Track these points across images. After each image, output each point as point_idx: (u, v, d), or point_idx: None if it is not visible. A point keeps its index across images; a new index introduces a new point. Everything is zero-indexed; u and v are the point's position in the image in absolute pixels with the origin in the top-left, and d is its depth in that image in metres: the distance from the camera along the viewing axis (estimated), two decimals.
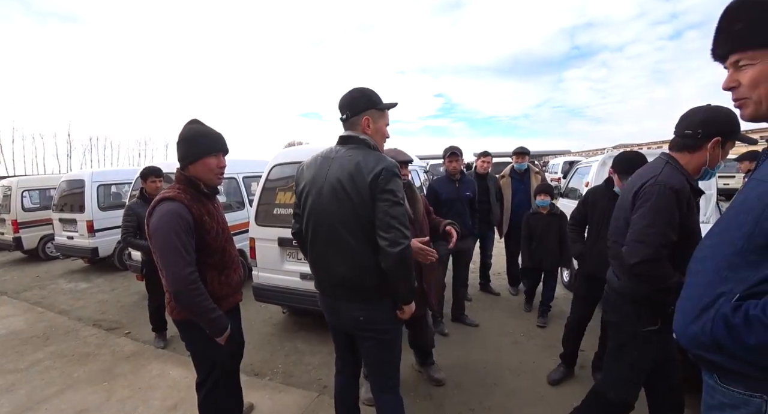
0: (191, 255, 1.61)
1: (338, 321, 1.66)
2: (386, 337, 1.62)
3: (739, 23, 0.80)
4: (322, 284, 1.66)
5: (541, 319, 3.65)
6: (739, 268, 0.76)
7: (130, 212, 3.41)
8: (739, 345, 0.72)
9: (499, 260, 5.98)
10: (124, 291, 5.33)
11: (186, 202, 1.64)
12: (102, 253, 6.13)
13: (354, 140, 1.55)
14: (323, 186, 1.51)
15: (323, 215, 1.52)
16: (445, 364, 2.96)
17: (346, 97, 1.58)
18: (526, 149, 4.33)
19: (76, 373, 3.05)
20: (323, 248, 1.56)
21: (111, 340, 3.66)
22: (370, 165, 1.43)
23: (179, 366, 3.08)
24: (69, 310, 4.66)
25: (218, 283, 1.76)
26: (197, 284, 1.60)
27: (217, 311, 1.66)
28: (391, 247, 1.39)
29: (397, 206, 1.42)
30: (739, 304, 0.74)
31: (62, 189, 6.60)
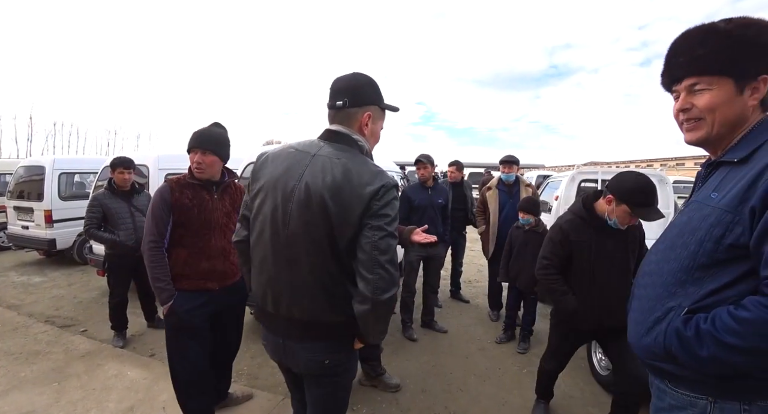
0: (161, 227, 1.92)
1: (290, 362, 1.27)
2: (345, 379, 1.33)
3: (702, 49, 0.84)
4: (268, 317, 1.27)
5: (522, 344, 3.35)
6: (686, 283, 0.82)
7: (96, 203, 3.26)
8: (692, 357, 0.78)
9: (470, 268, 6.14)
10: (82, 286, 5.06)
11: (172, 185, 1.96)
12: (60, 246, 5.79)
13: (345, 139, 1.20)
14: (294, 189, 1.14)
15: (287, 228, 1.14)
16: (413, 369, 2.99)
17: (348, 81, 1.23)
18: (514, 158, 3.80)
19: (23, 373, 2.86)
20: (279, 271, 1.18)
21: (64, 338, 3.45)
22: (364, 178, 1.10)
23: (138, 367, 2.95)
24: (19, 304, 4.37)
25: (182, 262, 1.95)
26: (154, 252, 1.90)
27: (162, 282, 1.89)
28: (376, 294, 1.07)
29: (389, 238, 1.10)
30: (689, 318, 0.80)
31: (19, 175, 6.21)
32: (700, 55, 0.84)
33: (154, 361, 3.06)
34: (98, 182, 4.86)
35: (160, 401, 2.50)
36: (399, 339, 3.49)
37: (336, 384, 1.30)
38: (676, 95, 0.92)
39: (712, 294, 0.79)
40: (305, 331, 1.20)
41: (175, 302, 1.91)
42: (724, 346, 0.73)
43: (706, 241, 0.79)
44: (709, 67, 0.84)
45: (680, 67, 0.89)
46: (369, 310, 1.10)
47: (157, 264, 1.90)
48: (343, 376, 1.30)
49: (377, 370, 2.71)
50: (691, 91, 0.87)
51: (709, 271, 0.80)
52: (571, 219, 2.10)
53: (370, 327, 1.16)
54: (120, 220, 3.29)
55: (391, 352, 3.18)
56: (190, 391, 2.05)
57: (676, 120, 0.94)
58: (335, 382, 1.30)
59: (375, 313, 1.11)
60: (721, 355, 0.74)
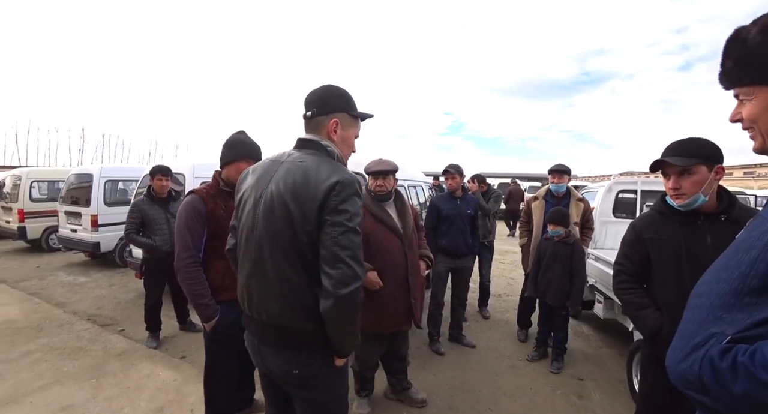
0: (197, 240, 1.86)
1: (265, 367, 1.29)
2: (325, 398, 1.26)
3: (730, 60, 0.80)
4: (246, 319, 1.31)
5: (555, 364, 3.16)
6: (733, 309, 0.73)
7: (135, 209, 3.43)
8: (725, 391, 0.69)
9: (500, 281, 5.94)
10: (121, 288, 5.31)
11: (204, 195, 1.90)
12: (103, 248, 6.14)
13: (314, 145, 1.25)
14: (261, 195, 1.20)
15: (255, 232, 1.20)
16: (440, 384, 2.89)
17: (317, 92, 1.30)
18: (565, 167, 3.45)
19: (65, 368, 3.02)
20: (249, 274, 1.23)
21: (104, 337, 3.62)
22: (321, 175, 1.13)
23: (170, 368, 3.04)
24: (65, 302, 4.64)
25: (221, 273, 1.88)
26: (192, 268, 1.82)
27: (205, 299, 1.82)
28: (336, 288, 1.07)
29: (350, 233, 1.11)
30: (729, 347, 0.71)
31: (70, 182, 6.68)
32: (730, 67, 0.81)
33: (184, 364, 3.13)
34: (139, 189, 5.14)
35: (188, 403, 2.55)
36: (426, 352, 3.41)
37: (313, 401, 1.25)
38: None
39: (762, 324, 0.70)
40: (274, 335, 1.22)
41: (220, 316, 1.86)
42: (759, 384, 0.64)
43: (759, 261, 0.70)
44: (739, 79, 0.80)
45: (721, 78, 0.86)
46: (332, 306, 1.09)
47: (197, 281, 1.83)
48: (321, 391, 1.25)
49: (403, 383, 2.63)
50: (740, 100, 0.83)
51: (762, 298, 0.70)
52: (648, 214, 1.71)
53: (335, 326, 1.14)
54: (157, 226, 3.44)
55: (417, 365, 3.10)
56: (223, 399, 2.04)
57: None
58: (312, 398, 1.25)
59: (338, 308, 1.10)
60: (755, 393, 0.65)
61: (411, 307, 2.31)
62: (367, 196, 2.34)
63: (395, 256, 2.27)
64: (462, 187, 3.54)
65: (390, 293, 2.23)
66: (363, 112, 1.37)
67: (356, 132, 1.37)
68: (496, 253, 4.71)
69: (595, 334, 3.92)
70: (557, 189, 3.49)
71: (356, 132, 1.37)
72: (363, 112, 1.37)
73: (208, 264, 1.89)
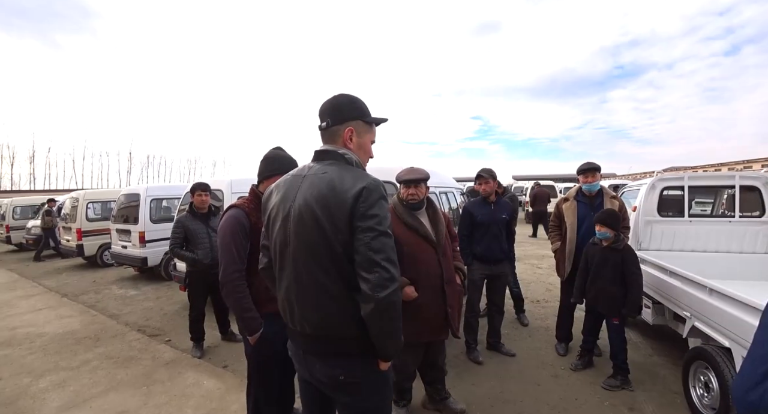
0: (242, 255, 1.86)
1: (310, 376, 1.31)
2: (369, 403, 1.28)
3: None
4: (290, 331, 1.35)
5: (611, 380, 2.87)
6: None
7: (179, 225, 3.64)
8: None
9: (538, 287, 5.72)
10: (167, 300, 5.62)
11: (247, 209, 1.92)
12: (150, 263, 6.53)
13: (332, 155, 1.27)
14: (290, 210, 1.22)
15: (289, 246, 1.22)
16: (479, 394, 2.81)
17: (330, 103, 1.32)
18: (596, 165, 3.30)
19: (119, 375, 3.22)
20: (288, 287, 1.25)
21: (152, 346, 3.83)
22: (347, 184, 1.15)
23: (213, 377, 3.16)
24: (118, 314, 4.97)
25: (264, 286, 1.88)
26: (239, 282, 1.83)
27: (251, 312, 1.84)
28: (375, 291, 1.09)
29: (382, 237, 1.13)
30: None
31: (121, 202, 7.19)
32: None
33: (227, 373, 3.25)
34: (181, 206, 5.44)
35: (231, 411, 2.63)
36: (464, 361, 3.33)
37: (357, 407, 1.27)
38: None
39: None
40: (319, 344, 1.24)
41: (265, 328, 1.88)
42: None
43: None
44: None
45: None
46: (373, 310, 1.11)
47: (244, 294, 1.84)
48: (365, 397, 1.26)
49: (441, 393, 2.58)
50: None
51: None
52: None
53: (378, 330, 1.16)
54: (199, 240, 3.62)
55: (455, 375, 3.04)
56: (265, 409, 2.07)
57: None
58: (356, 404, 1.27)
59: (379, 311, 1.11)
60: None
61: (447, 316, 2.28)
62: (399, 204, 2.34)
63: (429, 264, 2.25)
64: (496, 192, 3.46)
65: (425, 302, 2.21)
66: (377, 117, 1.37)
67: (372, 137, 1.38)
68: (533, 258, 4.56)
69: (644, 342, 3.67)
70: (590, 188, 3.31)
71: (372, 137, 1.38)
72: (377, 117, 1.37)
73: (251, 277, 1.90)
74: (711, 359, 2.37)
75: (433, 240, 2.29)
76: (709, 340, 2.51)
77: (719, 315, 2.39)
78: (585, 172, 3.32)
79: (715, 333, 2.42)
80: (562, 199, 3.54)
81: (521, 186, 18.74)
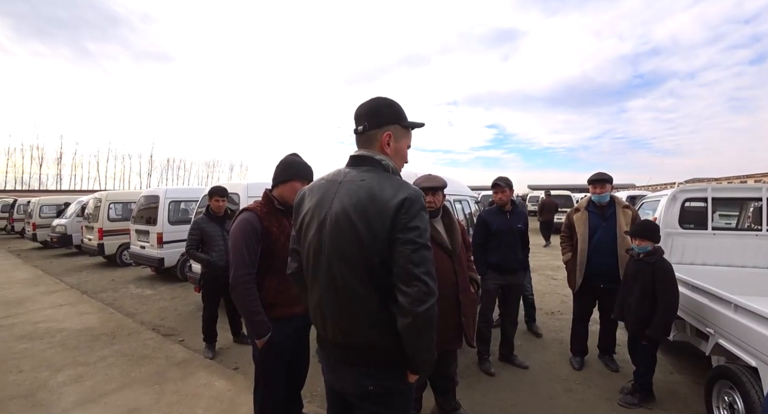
0: (253, 258, 1.87)
1: (339, 384, 1.30)
2: (394, 411, 1.27)
3: None
4: (321, 339, 1.32)
5: (627, 397, 2.77)
6: None
7: (196, 227, 3.72)
8: None
9: (553, 298, 5.60)
10: (182, 300, 5.71)
11: (260, 213, 1.93)
12: (167, 264, 6.66)
13: (369, 161, 1.24)
14: (326, 216, 1.19)
15: (323, 253, 1.19)
16: (490, 406, 2.75)
17: (368, 105, 1.28)
18: (607, 175, 3.29)
19: (133, 373, 3.28)
20: (321, 295, 1.23)
21: (166, 346, 3.90)
22: (387, 194, 1.12)
23: (224, 378, 3.18)
24: (134, 313, 5.08)
25: (274, 290, 1.93)
26: (249, 285, 1.84)
27: (260, 316, 1.85)
28: (414, 306, 1.07)
29: (423, 250, 1.11)
30: None
31: (141, 203, 7.38)
32: None
33: (237, 374, 3.27)
34: (198, 209, 5.56)
35: (240, 413, 2.64)
36: (475, 372, 3.27)
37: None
38: None
39: None
40: (350, 353, 1.22)
41: (273, 332, 1.88)
42: None
43: None
44: None
45: None
46: (410, 324, 1.09)
47: (253, 297, 1.85)
48: (390, 407, 1.24)
49: (452, 404, 2.54)
50: None
51: None
52: None
53: (413, 343, 1.14)
54: (214, 243, 3.69)
55: (466, 385, 2.98)
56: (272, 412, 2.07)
57: None
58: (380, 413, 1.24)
59: (416, 325, 1.10)
60: None
61: (461, 325, 2.25)
62: None
63: (445, 273, 2.22)
64: (512, 201, 3.43)
65: (440, 311, 2.17)
66: (414, 121, 1.34)
67: (408, 142, 1.35)
68: (548, 269, 4.48)
69: (663, 358, 3.53)
70: (600, 199, 3.29)
71: (408, 142, 1.35)
72: (414, 121, 1.34)
73: (261, 281, 1.91)
74: (736, 379, 2.26)
75: (449, 248, 2.27)
76: (735, 359, 2.40)
77: (745, 333, 2.29)
78: (594, 182, 3.30)
79: (741, 351, 2.31)
80: (573, 210, 3.49)
81: (537, 195, 18.56)
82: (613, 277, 3.13)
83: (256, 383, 2.08)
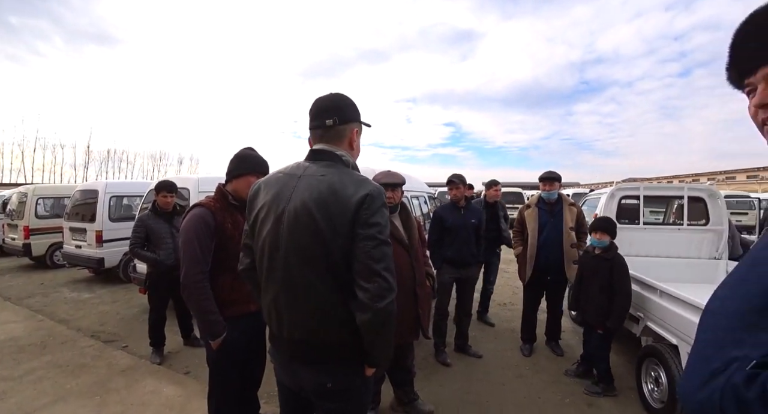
0: (206, 255, 1.80)
1: (295, 384, 1.28)
2: (352, 408, 1.28)
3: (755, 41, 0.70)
4: (275, 338, 1.28)
5: (592, 387, 2.91)
6: (757, 329, 0.64)
7: (141, 224, 3.46)
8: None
9: (505, 290, 5.90)
10: (125, 303, 5.31)
11: (213, 209, 1.86)
12: (108, 264, 6.15)
13: (329, 156, 1.22)
14: (284, 211, 1.16)
15: (281, 248, 1.16)
16: (447, 395, 2.85)
17: (334, 100, 1.27)
18: (555, 174, 3.50)
19: (69, 385, 3.00)
20: (277, 291, 1.20)
21: (107, 353, 3.60)
22: (349, 189, 1.12)
23: (174, 383, 3.01)
24: (69, 319, 4.63)
25: (228, 288, 1.86)
26: (202, 284, 1.77)
27: (214, 315, 1.78)
28: (374, 302, 1.08)
29: (383, 246, 1.11)
30: (755, 374, 0.61)
31: (76, 198, 6.73)
32: (754, 47, 0.69)
33: (188, 379, 3.11)
34: (143, 204, 5.18)
35: None
36: (432, 363, 3.37)
37: (339, 412, 1.25)
38: (751, 89, 0.76)
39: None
40: (307, 351, 1.20)
41: (228, 332, 1.82)
42: None
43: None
44: None
45: (752, 54, 0.74)
46: (370, 319, 1.09)
47: (207, 296, 1.78)
48: (349, 403, 1.25)
49: (410, 395, 2.60)
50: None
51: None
52: None
53: (372, 338, 1.15)
54: (161, 241, 3.46)
55: (423, 376, 3.07)
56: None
57: (753, 120, 0.77)
58: (339, 410, 1.24)
59: (376, 321, 1.10)
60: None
61: (418, 318, 2.31)
62: None
63: (403, 268, 2.26)
64: (466, 197, 3.55)
65: (397, 305, 2.22)
66: (366, 121, 1.38)
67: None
68: (501, 263, 4.69)
69: None
70: (549, 196, 3.50)
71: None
72: (366, 121, 1.38)
73: (214, 279, 1.84)
74: (661, 356, 2.54)
75: (407, 244, 2.31)
76: (660, 339, 2.68)
77: (669, 315, 2.58)
78: (544, 180, 3.52)
79: (665, 332, 2.60)
80: (524, 206, 3.71)
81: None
82: (559, 270, 3.37)
83: (211, 386, 1.99)
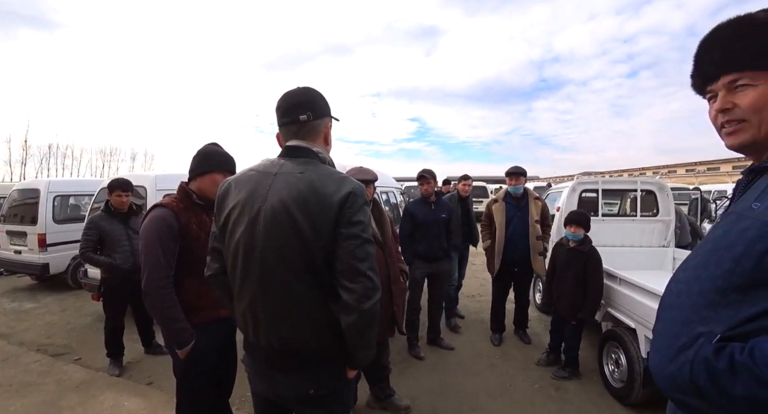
0: (170, 259, 1.69)
1: (272, 392, 1.21)
2: (335, 412, 1.24)
3: (740, 43, 0.75)
4: (250, 346, 1.22)
5: (559, 371, 3.04)
6: (719, 307, 0.71)
7: (92, 225, 3.19)
8: (723, 394, 0.65)
9: (473, 282, 6.06)
10: (75, 312, 4.91)
11: (176, 209, 1.74)
12: (53, 270, 5.64)
13: (306, 152, 1.17)
14: (260, 211, 1.09)
15: (256, 250, 1.09)
16: (422, 389, 2.89)
17: (306, 95, 1.21)
18: (521, 169, 3.62)
19: (12, 407, 2.72)
20: (253, 296, 1.12)
21: (57, 368, 3.31)
22: (330, 188, 1.08)
23: (136, 396, 2.82)
24: (10, 333, 4.21)
25: (195, 292, 1.74)
26: (166, 290, 1.65)
27: (181, 322, 1.66)
28: (360, 303, 1.04)
29: (367, 245, 1.08)
30: (722, 347, 0.68)
31: (13, 199, 6.11)
32: (737, 49, 0.75)
33: (152, 390, 2.93)
34: (94, 204, 4.79)
35: None
36: (406, 358, 3.40)
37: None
38: (712, 96, 0.82)
39: (752, 320, 0.67)
40: (287, 358, 1.14)
41: (197, 340, 1.70)
42: (764, 384, 0.61)
43: (744, 258, 0.69)
44: (753, 62, 0.74)
45: (715, 63, 0.79)
46: (356, 321, 1.06)
47: (172, 302, 1.67)
48: (332, 407, 1.21)
49: (386, 391, 2.61)
50: (732, 89, 0.77)
51: (748, 294, 0.68)
52: None
53: (356, 340, 1.11)
54: (117, 243, 3.22)
55: (398, 371, 3.08)
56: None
57: (713, 123, 0.83)
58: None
59: (361, 323, 1.07)
60: (759, 394, 0.62)
61: (394, 315, 2.30)
62: None
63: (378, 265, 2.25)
64: (435, 192, 3.59)
65: None
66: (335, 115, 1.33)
67: None
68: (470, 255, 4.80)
69: None
70: (515, 190, 3.63)
71: None
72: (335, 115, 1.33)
73: (180, 284, 1.72)
74: (620, 339, 2.71)
75: (380, 240, 2.29)
76: (619, 323, 2.86)
77: (627, 300, 2.75)
78: (511, 175, 3.63)
79: (624, 316, 2.78)
80: (492, 201, 3.82)
81: None
82: (526, 261, 3.51)
83: (179, 398, 1.86)
